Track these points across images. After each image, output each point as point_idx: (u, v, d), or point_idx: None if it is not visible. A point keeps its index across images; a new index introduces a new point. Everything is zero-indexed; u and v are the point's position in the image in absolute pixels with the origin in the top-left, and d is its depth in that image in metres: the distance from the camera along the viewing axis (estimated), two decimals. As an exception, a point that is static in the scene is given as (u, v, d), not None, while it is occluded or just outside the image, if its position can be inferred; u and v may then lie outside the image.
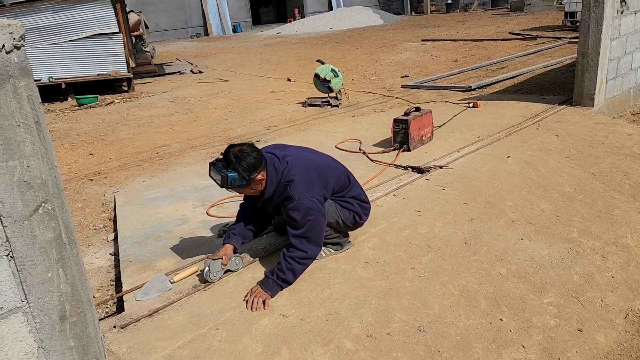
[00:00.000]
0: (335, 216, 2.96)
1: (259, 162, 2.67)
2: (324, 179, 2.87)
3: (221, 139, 6.51)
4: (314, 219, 2.71)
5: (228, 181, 2.61)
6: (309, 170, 2.82)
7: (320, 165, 2.93)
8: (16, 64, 1.56)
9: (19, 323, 1.67)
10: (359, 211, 3.06)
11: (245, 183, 2.67)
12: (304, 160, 2.88)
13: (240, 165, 2.62)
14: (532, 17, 20.84)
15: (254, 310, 2.59)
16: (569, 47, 11.69)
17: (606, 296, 2.72)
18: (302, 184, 2.74)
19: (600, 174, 4.21)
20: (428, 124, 5.20)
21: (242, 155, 2.64)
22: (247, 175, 2.63)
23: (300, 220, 2.69)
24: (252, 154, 2.67)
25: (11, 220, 1.59)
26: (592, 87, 5.86)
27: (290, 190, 2.71)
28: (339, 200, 3.00)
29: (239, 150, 2.66)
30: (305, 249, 2.72)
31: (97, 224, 4.22)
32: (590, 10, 5.57)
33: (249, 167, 2.63)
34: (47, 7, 10.01)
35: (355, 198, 3.06)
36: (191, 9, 28.00)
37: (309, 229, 2.71)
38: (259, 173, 2.68)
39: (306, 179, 2.77)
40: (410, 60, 12.30)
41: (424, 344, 2.36)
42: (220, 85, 11.02)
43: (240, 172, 2.62)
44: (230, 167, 2.63)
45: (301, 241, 2.72)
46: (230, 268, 2.92)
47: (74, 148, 6.66)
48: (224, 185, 2.65)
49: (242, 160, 2.62)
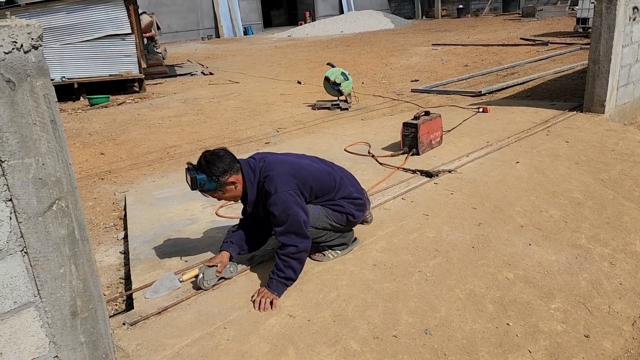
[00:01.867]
0: (327, 220, 2.94)
1: (229, 166, 2.74)
2: (299, 174, 2.87)
3: (231, 140, 6.55)
4: (292, 212, 2.71)
5: (197, 183, 2.67)
6: (284, 165, 2.86)
7: (298, 163, 2.95)
8: (34, 63, 1.59)
9: (31, 318, 1.70)
10: (351, 211, 3.01)
11: (216, 186, 2.71)
12: (281, 158, 2.95)
13: (209, 169, 2.68)
14: (543, 22, 20.78)
15: (261, 311, 2.62)
16: (580, 53, 11.65)
17: (614, 303, 2.71)
18: (278, 178, 2.77)
19: (610, 181, 4.19)
20: (437, 128, 5.21)
21: (213, 158, 2.71)
22: (216, 178, 2.68)
23: (279, 215, 2.71)
24: (224, 157, 2.74)
25: (26, 217, 1.62)
26: (603, 93, 5.84)
27: (267, 185, 2.76)
28: (329, 205, 2.96)
29: (210, 154, 2.74)
30: (295, 243, 2.72)
31: (108, 222, 4.26)
32: (602, 16, 5.56)
33: (217, 169, 2.69)
34: (61, 7, 10.14)
35: (346, 198, 3.00)
36: (203, 11, 28.20)
37: (291, 224, 2.71)
38: (230, 176, 2.73)
39: (282, 172, 2.80)
40: (420, 64, 12.30)
41: (430, 346, 2.37)
42: (230, 87, 11.08)
43: (209, 174, 2.67)
44: (199, 170, 2.70)
45: (288, 237, 2.72)
46: (224, 276, 2.91)
47: (85, 147, 6.72)
48: (194, 187, 2.70)
49: (211, 164, 2.69)
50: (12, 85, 1.54)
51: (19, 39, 1.54)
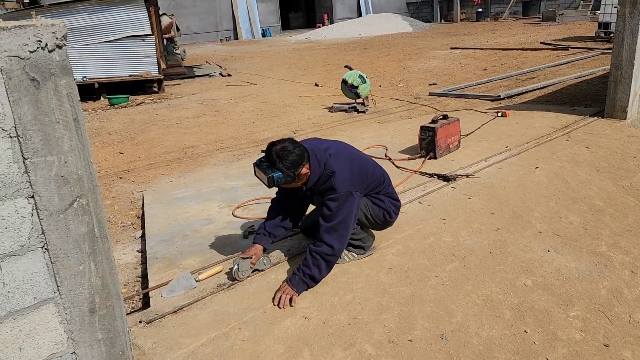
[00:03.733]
0: (364, 210, 2.99)
1: (301, 158, 2.71)
2: (364, 175, 2.93)
3: (248, 141, 6.58)
4: (348, 212, 2.75)
5: (275, 181, 2.68)
6: (352, 165, 2.88)
7: (362, 162, 2.99)
8: (58, 62, 1.61)
9: (50, 314, 1.72)
10: (390, 209, 3.07)
11: (291, 180, 2.73)
12: (346, 154, 2.95)
13: (283, 165, 2.66)
14: (564, 27, 20.54)
15: (280, 307, 2.64)
16: (601, 58, 11.48)
17: (634, 312, 2.66)
18: (346, 176, 2.80)
19: (631, 188, 4.12)
20: (455, 132, 5.17)
21: (284, 153, 2.67)
22: (291, 172, 2.69)
23: (335, 211, 2.74)
24: (295, 150, 2.70)
25: (47, 214, 1.64)
26: (625, 99, 5.75)
27: (335, 181, 2.77)
28: (371, 196, 3.02)
29: (280, 149, 2.69)
30: (333, 244, 2.73)
31: (126, 221, 4.30)
32: (625, 21, 5.48)
33: (292, 164, 2.68)
34: (83, 8, 10.29)
35: (388, 196, 3.08)
36: (222, 13, 28.40)
37: (340, 222, 2.74)
38: (303, 167, 2.74)
39: (350, 172, 2.83)
40: (438, 68, 12.23)
41: (445, 352, 2.34)
42: (248, 89, 11.14)
43: (284, 171, 2.67)
44: (274, 168, 2.67)
45: (331, 235, 2.74)
46: (258, 267, 2.97)
47: (104, 146, 6.80)
48: (271, 186, 2.72)
49: (284, 159, 2.66)
50: (37, 83, 1.56)
51: (43, 38, 1.56)
